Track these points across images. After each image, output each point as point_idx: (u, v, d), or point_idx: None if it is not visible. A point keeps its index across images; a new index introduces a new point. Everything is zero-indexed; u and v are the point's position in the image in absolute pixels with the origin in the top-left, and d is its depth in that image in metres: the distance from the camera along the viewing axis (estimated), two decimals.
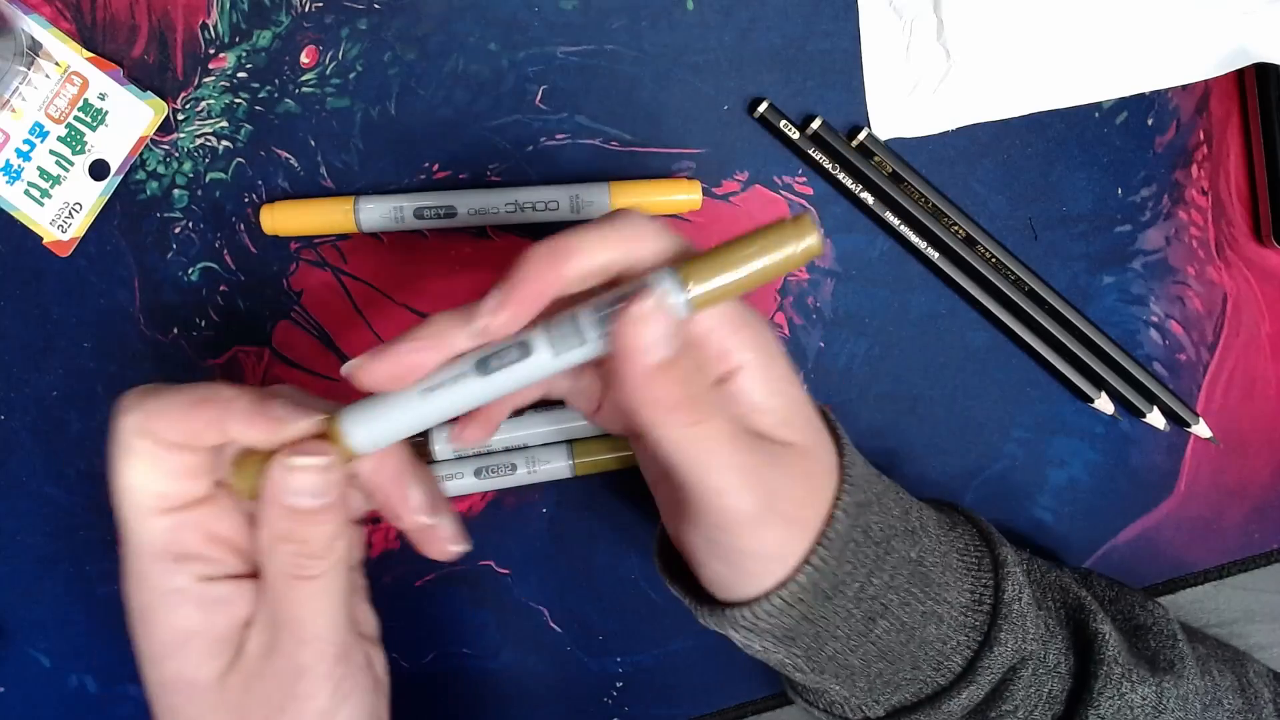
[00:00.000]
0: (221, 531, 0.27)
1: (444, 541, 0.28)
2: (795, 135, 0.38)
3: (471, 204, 0.37)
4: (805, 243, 0.24)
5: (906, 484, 0.33)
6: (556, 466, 0.38)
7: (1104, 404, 0.41)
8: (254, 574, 0.27)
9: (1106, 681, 0.31)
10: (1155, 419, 0.41)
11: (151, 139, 0.37)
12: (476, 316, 0.26)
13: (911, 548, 0.30)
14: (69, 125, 0.37)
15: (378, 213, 0.37)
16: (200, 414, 0.26)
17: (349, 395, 0.39)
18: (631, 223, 0.26)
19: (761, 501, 0.26)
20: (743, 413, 0.27)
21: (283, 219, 0.37)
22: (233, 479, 0.26)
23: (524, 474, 0.38)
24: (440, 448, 0.38)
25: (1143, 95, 0.40)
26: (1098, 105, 0.40)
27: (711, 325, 0.26)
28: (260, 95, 0.37)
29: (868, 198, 0.39)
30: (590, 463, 0.38)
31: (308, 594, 0.26)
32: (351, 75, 0.37)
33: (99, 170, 0.37)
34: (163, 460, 0.26)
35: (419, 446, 0.38)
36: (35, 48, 0.36)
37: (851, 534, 0.28)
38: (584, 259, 0.26)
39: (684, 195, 0.38)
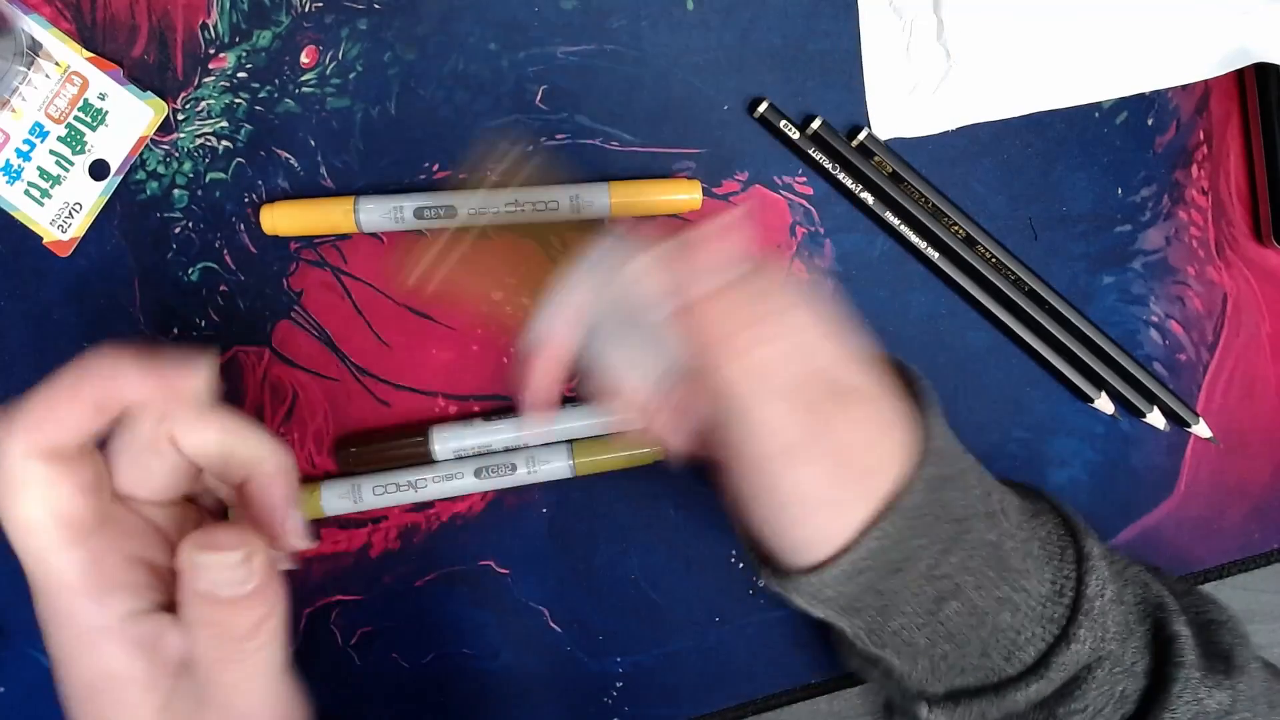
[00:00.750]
0: (139, 552, 0.25)
1: (300, 547, 0.28)
2: (795, 135, 0.38)
3: (471, 204, 0.37)
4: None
5: None
6: (556, 466, 0.38)
7: (1104, 404, 0.41)
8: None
9: (1185, 685, 0.30)
10: (1155, 419, 0.41)
11: (151, 139, 0.37)
12: None
13: (991, 530, 0.29)
14: (69, 125, 0.37)
15: (378, 213, 0.37)
16: (87, 396, 0.24)
17: (348, 395, 0.39)
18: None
19: (808, 433, 0.26)
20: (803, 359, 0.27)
21: (283, 219, 0.37)
22: None
23: (524, 474, 0.38)
24: (439, 448, 0.38)
25: (1143, 95, 0.40)
26: (1098, 105, 0.40)
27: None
28: (260, 95, 0.37)
29: (868, 198, 0.39)
30: (590, 462, 0.38)
31: (235, 677, 0.25)
32: (351, 75, 0.37)
33: (99, 170, 0.37)
34: (60, 478, 0.24)
35: (418, 447, 0.38)
36: (35, 48, 0.36)
37: (929, 507, 0.27)
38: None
39: (684, 195, 0.38)
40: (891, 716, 0.35)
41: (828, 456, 0.26)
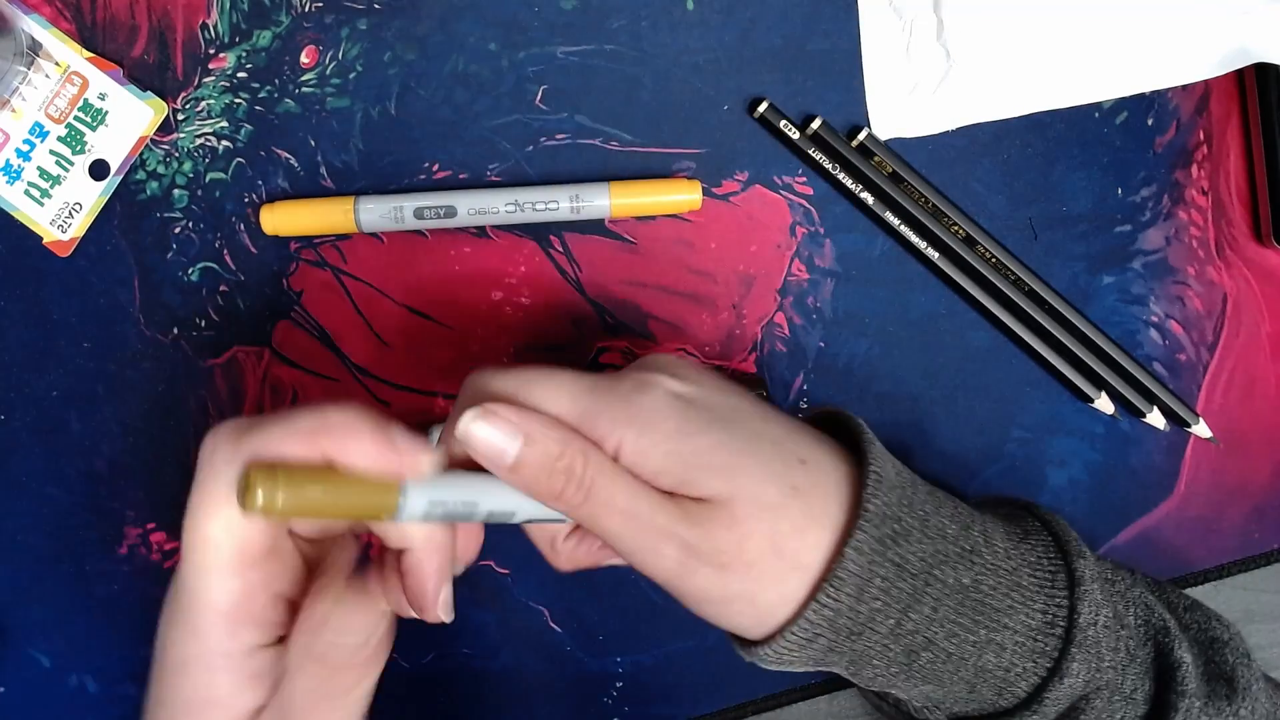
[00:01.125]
0: (285, 589, 0.26)
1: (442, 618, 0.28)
2: (795, 135, 0.38)
3: (471, 204, 0.37)
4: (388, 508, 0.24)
5: None
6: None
7: (1104, 404, 0.41)
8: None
9: (1187, 715, 0.29)
10: (1155, 419, 0.41)
11: (151, 139, 0.37)
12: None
13: (965, 573, 0.28)
14: (69, 125, 0.37)
15: (378, 213, 0.37)
16: (321, 445, 0.24)
17: (348, 395, 0.39)
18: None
19: (679, 557, 0.26)
20: (653, 479, 0.26)
21: (283, 219, 0.37)
22: (247, 495, 0.23)
23: None
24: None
25: (1143, 95, 0.40)
26: (1098, 105, 0.40)
27: (581, 412, 0.26)
28: (260, 95, 0.37)
29: (868, 198, 0.39)
30: None
31: (325, 716, 0.25)
32: (351, 75, 0.37)
33: (99, 170, 0.37)
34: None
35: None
36: (35, 48, 0.36)
37: (875, 570, 0.26)
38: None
39: (684, 195, 0.38)
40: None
41: (723, 568, 0.26)
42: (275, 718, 0.25)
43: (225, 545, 0.24)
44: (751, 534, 0.26)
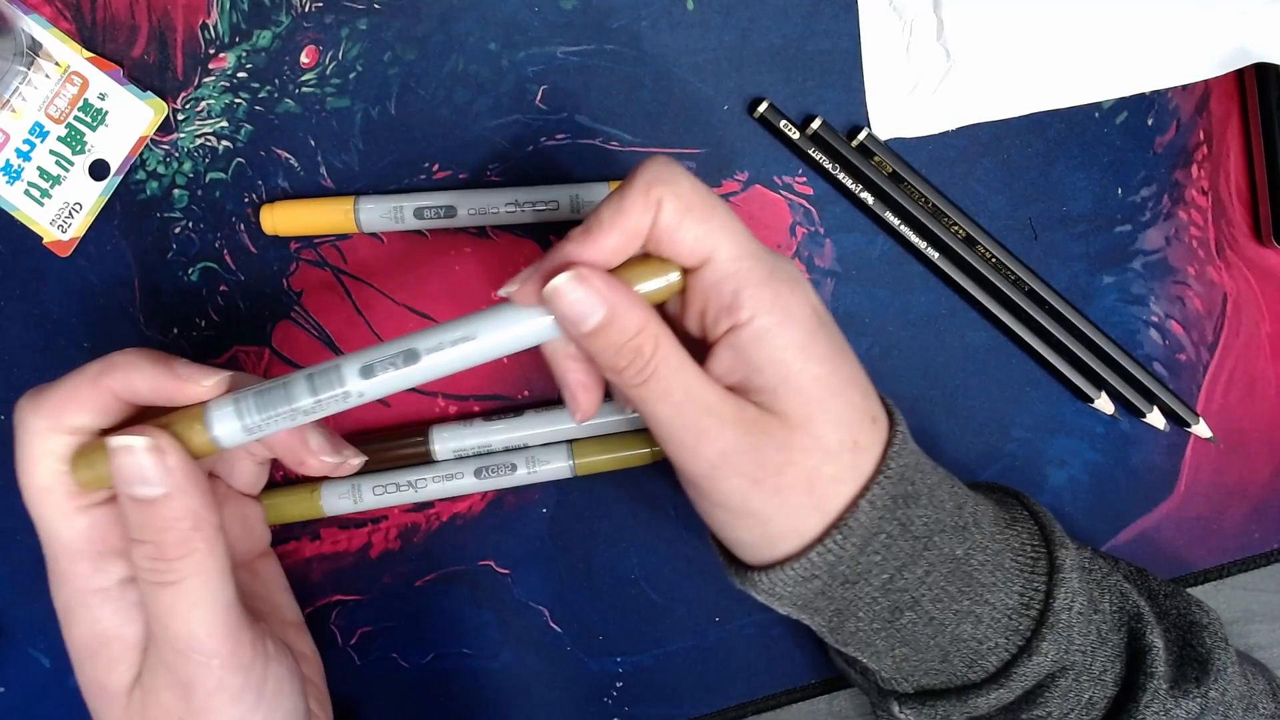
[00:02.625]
0: None
1: (350, 465, 0.30)
2: (795, 135, 0.38)
3: (471, 204, 0.37)
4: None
5: None
6: (557, 467, 0.38)
7: (1104, 404, 0.41)
8: None
9: (1154, 696, 0.30)
10: (1155, 419, 0.41)
11: (151, 139, 0.37)
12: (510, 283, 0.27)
13: (959, 545, 0.29)
14: (69, 125, 0.37)
15: (378, 213, 0.37)
16: (107, 384, 0.26)
17: None
18: (650, 186, 0.26)
19: (715, 460, 0.27)
20: (743, 371, 0.27)
21: (283, 219, 0.37)
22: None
23: (524, 474, 0.38)
24: (439, 447, 0.38)
25: (1143, 95, 0.40)
26: (1098, 105, 0.40)
27: (726, 274, 0.26)
28: (260, 95, 0.37)
29: (868, 198, 0.39)
30: (590, 463, 0.38)
31: (171, 601, 0.25)
32: (351, 75, 0.37)
33: (99, 170, 0.37)
34: (66, 449, 0.26)
35: (418, 446, 0.38)
36: (35, 48, 0.36)
37: (883, 526, 0.28)
38: (607, 239, 0.26)
39: None
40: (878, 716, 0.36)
41: (755, 485, 0.27)
42: (154, 646, 0.26)
43: (57, 490, 0.26)
44: (796, 464, 0.27)
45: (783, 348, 0.26)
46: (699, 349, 0.28)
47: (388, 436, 0.38)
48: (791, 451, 0.27)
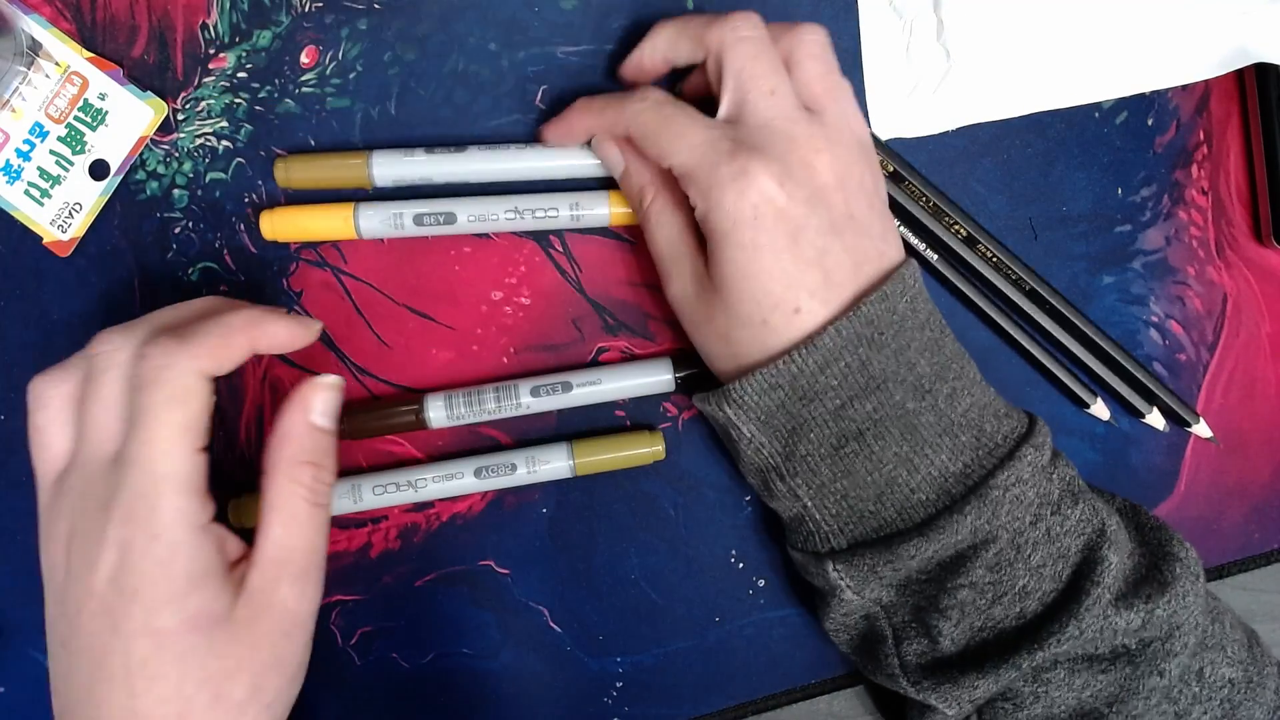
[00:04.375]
0: None
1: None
2: None
3: (471, 211, 0.37)
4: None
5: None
6: (556, 466, 0.38)
7: (1100, 409, 0.41)
8: None
9: (1094, 602, 0.32)
10: (1155, 419, 0.41)
11: (151, 139, 0.37)
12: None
13: (912, 400, 0.32)
14: (69, 125, 0.37)
15: (377, 219, 0.36)
16: (246, 338, 0.30)
17: (347, 395, 0.39)
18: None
19: (675, 296, 0.35)
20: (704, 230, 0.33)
21: (282, 225, 0.37)
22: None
23: (524, 474, 0.38)
24: (435, 415, 0.37)
25: (1143, 95, 0.40)
26: (1098, 105, 0.40)
27: (680, 173, 0.33)
28: (260, 95, 0.37)
29: None
30: (590, 462, 0.38)
31: (321, 523, 0.31)
32: (351, 75, 0.37)
33: (99, 170, 0.37)
34: (205, 395, 0.29)
35: (411, 415, 0.38)
36: (35, 48, 0.36)
37: (843, 355, 0.31)
38: (598, 123, 0.36)
39: None
40: (820, 616, 0.37)
41: (702, 320, 0.34)
42: (270, 568, 0.30)
43: (195, 428, 0.29)
44: (715, 320, 0.33)
45: (712, 234, 0.32)
46: None
47: (381, 405, 0.38)
48: (712, 310, 0.33)
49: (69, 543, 0.29)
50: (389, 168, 0.36)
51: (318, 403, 0.31)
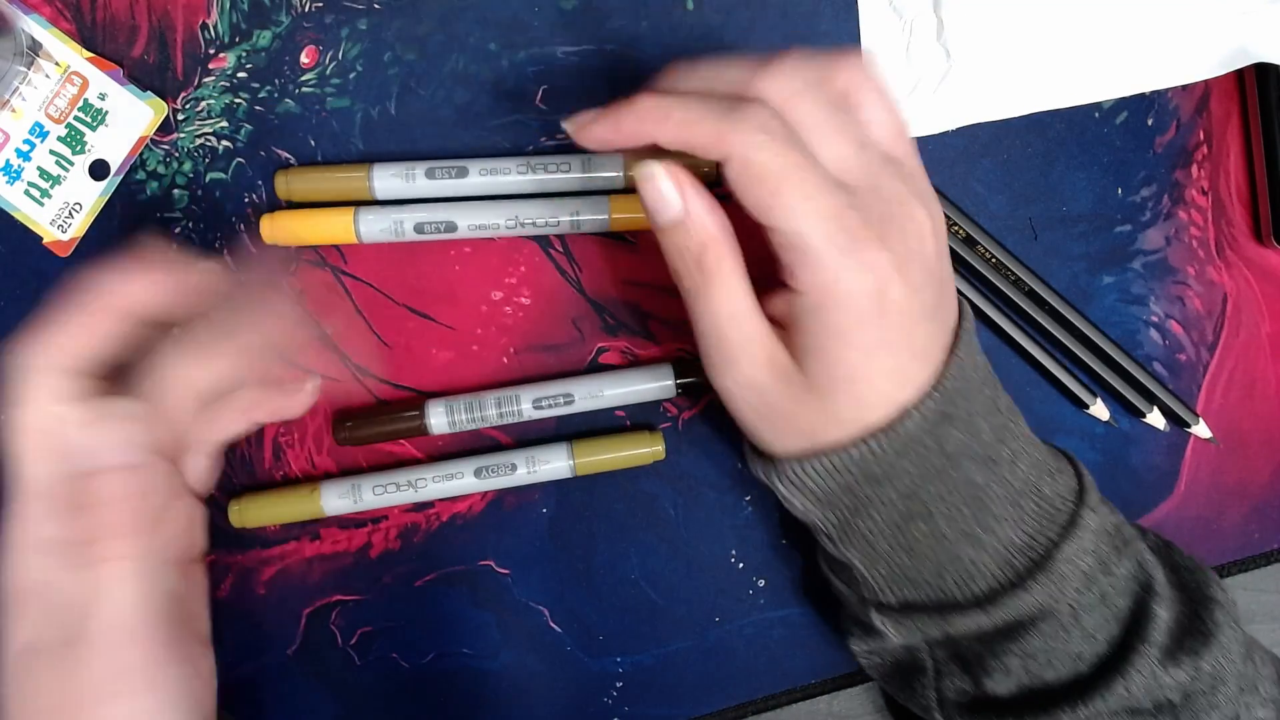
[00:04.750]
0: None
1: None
2: None
3: (472, 219, 0.37)
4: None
5: None
6: (556, 466, 0.38)
7: (1099, 410, 0.41)
8: None
9: (1144, 660, 0.31)
10: (1155, 419, 0.41)
11: (151, 139, 0.37)
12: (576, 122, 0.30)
13: (981, 473, 0.30)
14: (69, 125, 0.37)
15: (378, 226, 0.36)
16: (101, 306, 0.28)
17: (348, 395, 0.39)
18: (742, 119, 0.27)
19: (735, 387, 0.30)
20: (791, 320, 0.29)
21: (282, 230, 0.37)
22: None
23: (524, 474, 0.38)
24: (436, 421, 0.38)
25: (1143, 95, 0.40)
26: (1098, 105, 0.40)
27: (785, 245, 0.27)
28: (260, 95, 0.37)
29: None
30: (590, 462, 0.38)
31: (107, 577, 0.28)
32: (351, 75, 0.37)
33: (99, 170, 0.37)
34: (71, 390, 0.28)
35: (413, 421, 0.38)
36: (35, 48, 0.36)
37: (923, 438, 0.29)
38: (673, 132, 0.28)
39: None
40: (849, 636, 0.36)
41: (777, 418, 0.30)
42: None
43: (54, 433, 0.28)
44: (802, 420, 0.29)
45: (824, 326, 0.28)
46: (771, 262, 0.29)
47: (383, 412, 0.38)
48: (802, 409, 0.29)
49: None
50: (389, 183, 0.36)
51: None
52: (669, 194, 0.28)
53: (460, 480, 0.38)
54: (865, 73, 0.29)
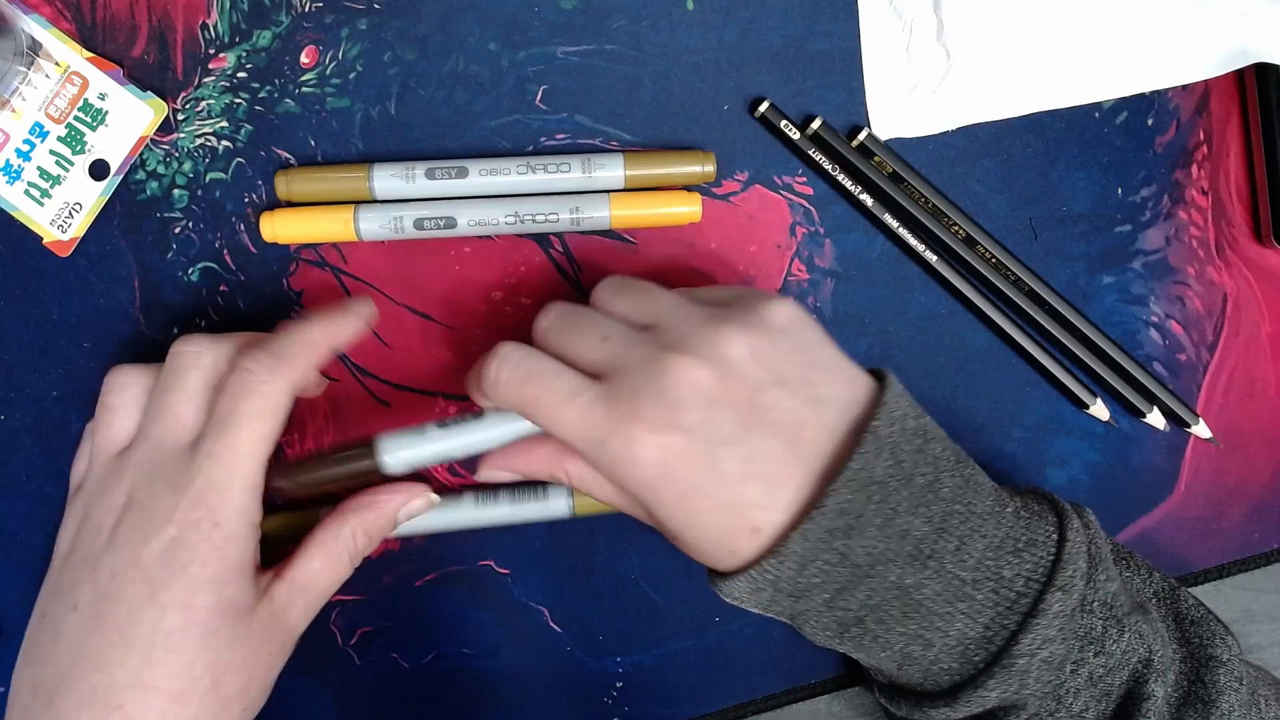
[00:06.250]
0: None
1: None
2: (795, 135, 0.38)
3: (472, 215, 0.37)
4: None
5: None
6: (556, 505, 0.38)
7: (1099, 410, 0.40)
8: None
9: None
10: (1155, 419, 0.41)
11: (151, 139, 0.37)
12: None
13: (912, 574, 0.29)
14: (69, 125, 0.37)
15: (377, 223, 0.36)
16: (325, 352, 0.33)
17: (348, 395, 0.39)
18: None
19: (646, 521, 0.33)
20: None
21: (282, 228, 0.37)
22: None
23: (514, 511, 0.38)
24: (389, 459, 0.37)
25: (1143, 95, 0.40)
26: (1098, 105, 0.40)
27: (578, 451, 0.31)
28: (260, 95, 0.37)
29: (867, 199, 0.39)
30: (592, 504, 0.38)
31: (344, 574, 0.34)
32: (351, 75, 0.37)
33: (99, 170, 0.37)
34: (288, 410, 0.32)
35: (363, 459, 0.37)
36: (35, 48, 0.36)
37: (818, 555, 0.28)
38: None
39: (683, 207, 0.37)
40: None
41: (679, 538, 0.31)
42: (293, 590, 0.32)
43: (274, 436, 0.31)
44: (689, 546, 0.31)
45: (646, 504, 0.30)
46: None
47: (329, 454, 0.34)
48: (680, 542, 0.31)
49: (123, 513, 0.30)
50: (389, 183, 0.36)
51: (414, 506, 0.35)
52: (503, 476, 0.35)
53: (459, 497, 0.38)
54: (614, 282, 0.34)
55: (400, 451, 0.33)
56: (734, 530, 0.29)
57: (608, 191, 0.37)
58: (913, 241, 0.39)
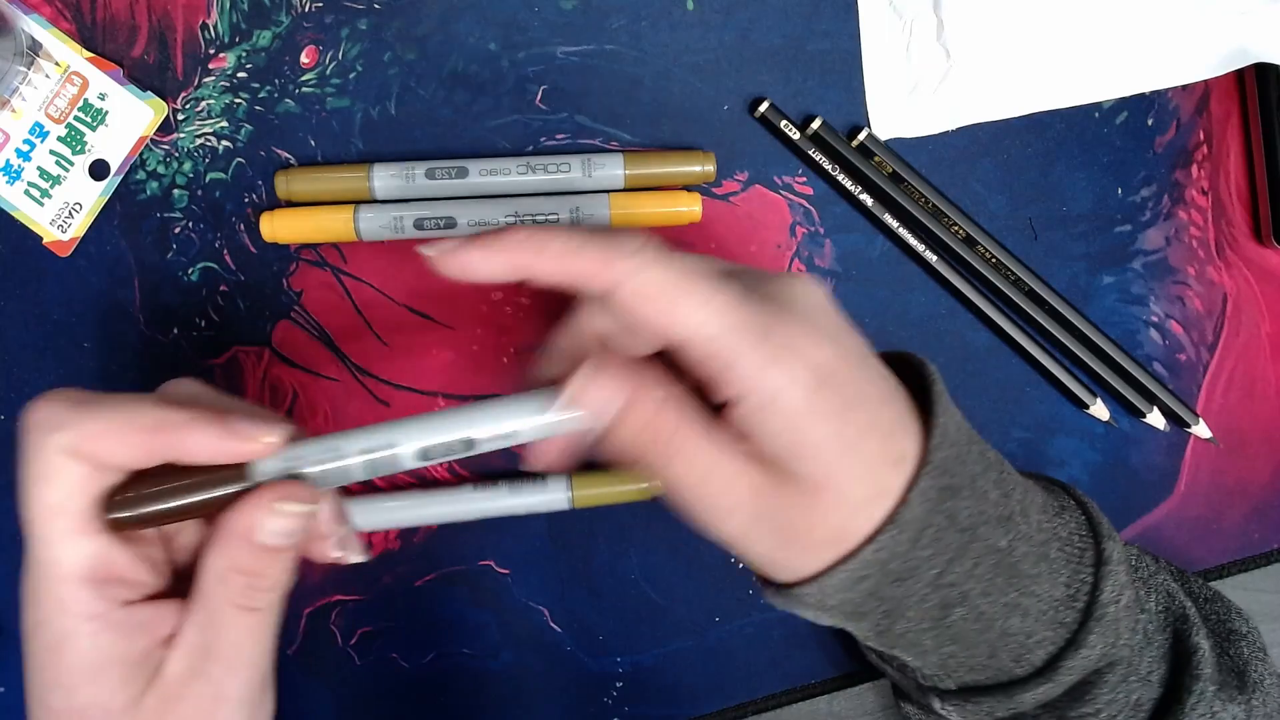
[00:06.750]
0: (146, 548, 0.27)
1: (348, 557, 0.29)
2: (795, 135, 0.38)
3: (472, 215, 0.37)
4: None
5: None
6: (555, 498, 0.38)
7: (1099, 410, 0.40)
8: (170, 591, 0.27)
9: (1200, 698, 0.30)
10: (1155, 419, 0.41)
11: (151, 139, 0.37)
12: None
13: (1003, 535, 0.28)
14: (69, 125, 0.37)
15: (377, 223, 0.37)
16: (153, 439, 0.25)
17: (348, 395, 0.39)
18: (617, 257, 0.25)
19: (746, 524, 0.27)
20: (752, 440, 0.26)
21: (282, 227, 0.37)
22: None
23: (518, 503, 0.38)
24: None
25: (1143, 95, 0.40)
26: (1098, 105, 0.40)
27: (704, 354, 0.25)
28: (260, 95, 0.37)
29: (867, 199, 0.39)
30: (588, 495, 0.38)
31: (250, 624, 0.26)
32: (351, 75, 0.37)
33: (99, 170, 0.37)
34: (95, 481, 0.25)
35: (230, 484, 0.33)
36: (35, 48, 0.36)
37: (931, 519, 0.26)
38: (552, 264, 0.26)
39: (683, 207, 0.37)
40: (903, 703, 0.35)
41: (797, 535, 0.27)
42: (192, 645, 0.26)
43: (71, 513, 0.24)
44: (823, 524, 0.26)
45: (780, 418, 0.25)
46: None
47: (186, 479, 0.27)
48: (816, 513, 0.26)
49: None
50: (389, 183, 0.36)
51: (268, 524, 0.26)
52: (602, 394, 0.26)
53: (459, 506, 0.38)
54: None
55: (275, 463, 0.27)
56: (883, 457, 0.26)
57: (608, 191, 0.37)
58: (913, 241, 0.39)
